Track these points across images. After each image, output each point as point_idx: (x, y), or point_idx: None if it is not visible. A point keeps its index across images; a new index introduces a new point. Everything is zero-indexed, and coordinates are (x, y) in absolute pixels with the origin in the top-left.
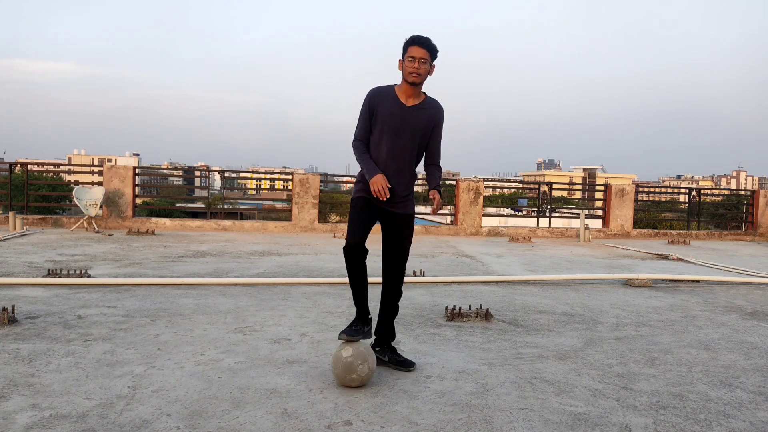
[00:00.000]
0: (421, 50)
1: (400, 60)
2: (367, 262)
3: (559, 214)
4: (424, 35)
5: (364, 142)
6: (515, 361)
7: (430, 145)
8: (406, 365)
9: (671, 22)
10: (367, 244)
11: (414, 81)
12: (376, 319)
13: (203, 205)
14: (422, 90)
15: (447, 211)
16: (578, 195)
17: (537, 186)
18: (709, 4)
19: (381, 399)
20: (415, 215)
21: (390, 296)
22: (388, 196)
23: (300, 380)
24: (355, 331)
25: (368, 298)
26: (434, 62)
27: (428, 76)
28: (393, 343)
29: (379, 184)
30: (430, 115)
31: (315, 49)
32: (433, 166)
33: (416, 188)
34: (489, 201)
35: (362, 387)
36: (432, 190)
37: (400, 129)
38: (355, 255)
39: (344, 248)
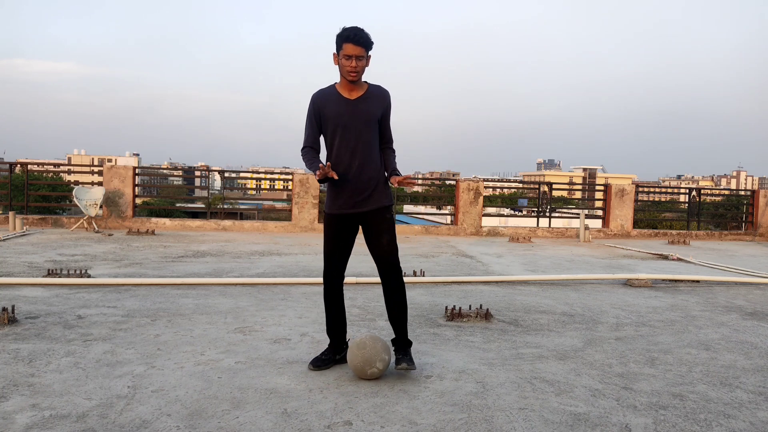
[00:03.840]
0: (356, 48)
1: (334, 54)
2: (366, 262)
3: (559, 214)
4: (357, 27)
5: (313, 148)
6: (515, 361)
7: (382, 131)
8: (398, 362)
9: (671, 22)
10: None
11: (353, 79)
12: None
13: (203, 205)
14: (363, 80)
15: (447, 211)
16: (578, 195)
17: (537, 186)
18: (709, 4)
19: (381, 399)
20: (415, 215)
21: (391, 295)
22: (327, 169)
23: (300, 380)
24: (323, 361)
25: (346, 324)
26: (370, 53)
27: (366, 68)
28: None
29: (320, 174)
30: (378, 102)
31: (316, 49)
32: (387, 149)
33: (418, 188)
34: (489, 201)
35: (362, 381)
36: (391, 176)
37: (351, 124)
38: (330, 283)
39: (324, 274)
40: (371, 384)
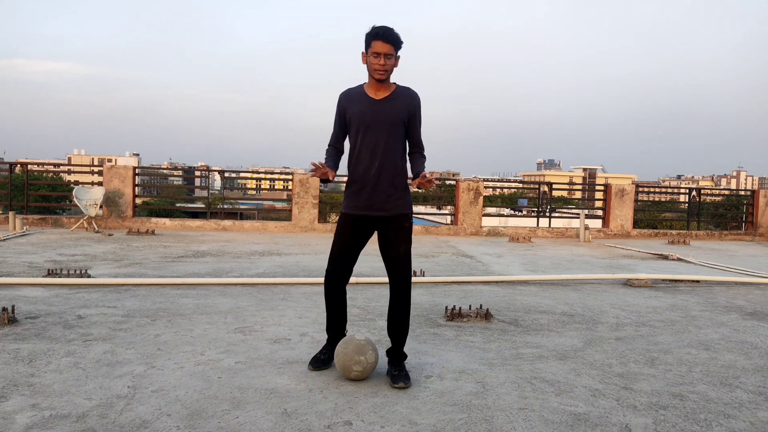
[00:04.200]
0: (385, 45)
1: (363, 53)
2: (366, 262)
3: (559, 214)
4: (387, 26)
5: (335, 147)
6: (515, 361)
7: (410, 135)
8: (395, 380)
9: (671, 23)
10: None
11: (380, 78)
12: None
13: (203, 205)
14: (391, 81)
15: (447, 211)
16: (578, 195)
17: (537, 186)
18: (709, 5)
19: (381, 399)
20: (415, 215)
21: (399, 295)
22: (322, 169)
23: (300, 380)
24: (322, 361)
25: (346, 323)
26: (399, 53)
27: (394, 68)
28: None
29: (313, 174)
30: (404, 103)
31: (316, 49)
32: (416, 154)
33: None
34: (489, 201)
35: (362, 381)
36: (414, 178)
37: (374, 124)
38: (333, 282)
39: (326, 272)
40: (371, 384)
